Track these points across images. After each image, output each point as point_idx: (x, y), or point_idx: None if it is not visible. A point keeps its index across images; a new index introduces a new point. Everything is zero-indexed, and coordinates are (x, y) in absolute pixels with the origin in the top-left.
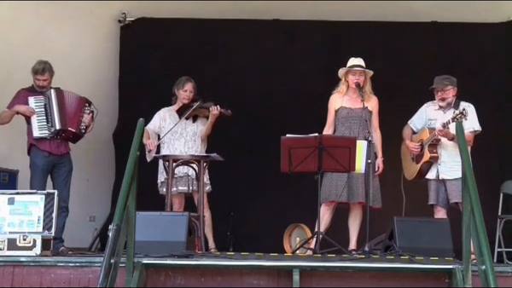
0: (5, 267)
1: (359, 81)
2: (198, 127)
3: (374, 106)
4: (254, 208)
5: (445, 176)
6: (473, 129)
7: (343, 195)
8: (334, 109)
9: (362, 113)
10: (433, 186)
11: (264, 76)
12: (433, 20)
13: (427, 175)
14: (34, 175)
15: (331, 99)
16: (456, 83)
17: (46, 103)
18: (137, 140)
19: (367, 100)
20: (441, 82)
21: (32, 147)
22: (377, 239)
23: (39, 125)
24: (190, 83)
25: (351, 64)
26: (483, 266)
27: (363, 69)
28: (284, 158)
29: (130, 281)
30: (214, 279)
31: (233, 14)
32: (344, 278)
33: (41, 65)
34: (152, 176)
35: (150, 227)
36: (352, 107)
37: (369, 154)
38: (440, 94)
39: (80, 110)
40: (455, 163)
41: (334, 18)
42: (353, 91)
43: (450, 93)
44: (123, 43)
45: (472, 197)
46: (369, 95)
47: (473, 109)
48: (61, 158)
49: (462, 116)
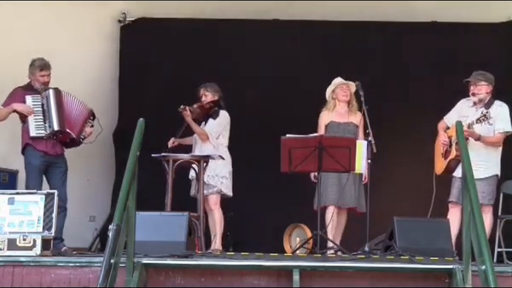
0: (5, 267)
1: (347, 94)
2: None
3: (359, 120)
4: (254, 208)
5: None
6: (503, 130)
7: (334, 199)
8: (324, 124)
9: (349, 126)
10: (457, 183)
11: (263, 76)
12: (433, 20)
13: (455, 172)
14: (30, 175)
15: (321, 115)
16: (492, 80)
17: (44, 103)
18: (137, 140)
19: (354, 114)
20: (475, 76)
21: (27, 147)
22: (377, 239)
23: (36, 125)
24: (200, 89)
25: (336, 82)
26: (483, 266)
27: (347, 82)
28: (284, 158)
29: (130, 281)
30: (214, 279)
31: (233, 14)
32: (344, 278)
33: (43, 60)
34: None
35: (150, 227)
36: (341, 121)
37: (368, 154)
38: (473, 88)
39: (85, 120)
40: (481, 162)
41: (334, 18)
42: (341, 107)
43: (482, 89)
44: (123, 43)
45: (472, 197)
46: (355, 110)
47: (506, 109)
48: (56, 158)
49: (485, 118)
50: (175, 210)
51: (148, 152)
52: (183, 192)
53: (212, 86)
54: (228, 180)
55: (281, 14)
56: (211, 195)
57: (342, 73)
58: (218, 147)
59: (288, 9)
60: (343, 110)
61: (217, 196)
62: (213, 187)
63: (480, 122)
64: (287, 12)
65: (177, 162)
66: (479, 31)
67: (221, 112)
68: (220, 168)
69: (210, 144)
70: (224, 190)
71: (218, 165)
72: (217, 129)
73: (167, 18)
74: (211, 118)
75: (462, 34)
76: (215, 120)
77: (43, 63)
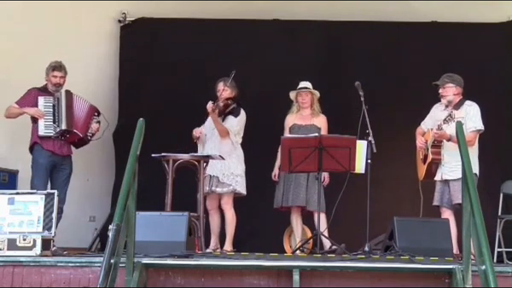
0: (5, 267)
1: (305, 101)
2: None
3: (322, 122)
4: (254, 208)
5: (448, 177)
6: (475, 129)
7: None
8: (288, 127)
9: (311, 128)
10: (438, 187)
11: (263, 76)
12: (433, 20)
13: (436, 176)
14: (36, 173)
15: (286, 119)
16: (460, 81)
17: (55, 103)
18: (137, 140)
19: (317, 117)
20: (442, 79)
21: (35, 146)
22: (377, 239)
23: (46, 124)
24: (219, 83)
25: (299, 87)
26: (483, 266)
27: (309, 90)
28: (284, 158)
29: (130, 281)
30: (214, 279)
31: (233, 14)
32: (344, 278)
33: (58, 62)
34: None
35: (150, 227)
36: (303, 124)
37: (368, 154)
38: (441, 91)
39: (90, 117)
40: (457, 163)
41: (334, 18)
42: (304, 110)
43: (450, 90)
44: (123, 43)
45: (472, 197)
46: (317, 113)
47: (475, 108)
48: (63, 159)
49: (450, 118)
50: (175, 210)
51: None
52: (183, 192)
53: (232, 81)
54: (242, 178)
55: (281, 14)
56: (225, 194)
57: (342, 73)
58: (236, 145)
59: (288, 9)
60: (306, 113)
61: (230, 195)
62: (228, 186)
63: (446, 122)
64: (287, 12)
65: (177, 162)
66: (479, 31)
67: (242, 110)
68: (235, 166)
69: (229, 141)
70: (239, 189)
71: (232, 163)
72: (237, 126)
73: (167, 18)
74: (231, 115)
75: (462, 34)
76: (236, 118)
77: (56, 64)
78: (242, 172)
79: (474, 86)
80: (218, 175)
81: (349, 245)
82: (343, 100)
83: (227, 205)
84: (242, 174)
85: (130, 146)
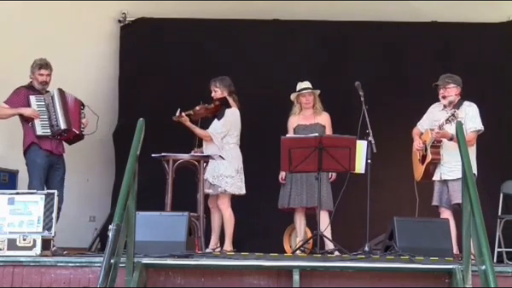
0: (5, 267)
1: (309, 101)
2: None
3: (326, 120)
4: (254, 208)
5: (447, 177)
6: (475, 129)
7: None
8: (292, 128)
9: (316, 127)
10: (437, 187)
11: (264, 76)
12: (434, 20)
13: (434, 176)
14: (34, 174)
15: (289, 120)
16: (459, 82)
17: (49, 103)
18: (137, 140)
19: (320, 115)
20: (443, 79)
21: (32, 146)
22: (377, 239)
23: (42, 124)
24: (211, 84)
25: (299, 88)
26: (483, 266)
27: (311, 90)
28: (284, 158)
29: (130, 281)
30: (214, 279)
31: (233, 14)
32: (344, 278)
33: (43, 60)
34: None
35: (150, 227)
36: (308, 124)
37: (368, 154)
38: (442, 91)
39: (79, 112)
40: (457, 163)
41: (334, 18)
42: (306, 110)
43: (451, 91)
44: (123, 43)
45: (472, 197)
46: (320, 111)
47: (475, 108)
48: (58, 158)
49: (454, 118)
50: (175, 210)
51: (148, 152)
52: (183, 193)
53: (223, 81)
54: (234, 179)
55: (281, 14)
56: (218, 195)
57: (342, 73)
58: (224, 147)
59: (288, 9)
60: (309, 113)
61: (223, 196)
62: (218, 187)
63: (449, 122)
64: (287, 12)
65: (177, 162)
66: (479, 31)
67: (227, 112)
68: (224, 167)
69: (214, 145)
70: (229, 189)
71: (222, 165)
72: (221, 129)
73: (167, 18)
74: (216, 118)
75: (462, 34)
76: (219, 121)
77: (42, 62)
78: (234, 173)
79: (474, 86)
80: (208, 177)
81: (349, 245)
82: (343, 100)
83: (223, 206)
84: (234, 174)
85: (130, 146)
